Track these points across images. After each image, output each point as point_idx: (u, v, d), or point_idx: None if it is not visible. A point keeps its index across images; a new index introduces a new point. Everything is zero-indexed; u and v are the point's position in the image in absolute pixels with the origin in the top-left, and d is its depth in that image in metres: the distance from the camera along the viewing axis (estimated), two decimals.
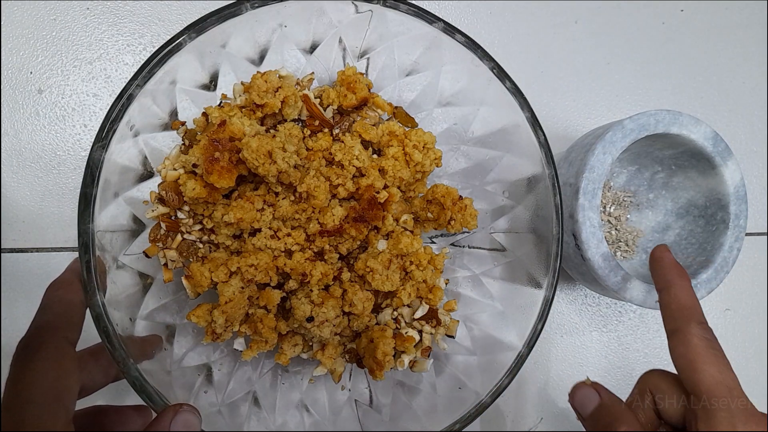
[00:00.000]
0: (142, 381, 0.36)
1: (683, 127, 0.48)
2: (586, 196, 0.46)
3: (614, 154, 0.46)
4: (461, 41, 0.41)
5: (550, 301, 0.41)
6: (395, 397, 0.45)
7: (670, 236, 0.55)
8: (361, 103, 0.44)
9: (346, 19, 0.42)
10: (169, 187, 0.40)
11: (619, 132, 0.47)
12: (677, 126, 0.48)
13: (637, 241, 0.56)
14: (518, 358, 0.41)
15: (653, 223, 0.57)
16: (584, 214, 0.46)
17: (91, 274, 0.34)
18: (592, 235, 0.46)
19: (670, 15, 0.62)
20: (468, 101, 0.45)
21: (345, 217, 0.42)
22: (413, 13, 0.40)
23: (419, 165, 0.44)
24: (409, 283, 0.43)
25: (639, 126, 0.47)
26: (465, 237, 0.49)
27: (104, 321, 0.34)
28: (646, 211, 0.57)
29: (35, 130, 0.49)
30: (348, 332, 0.44)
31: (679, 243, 0.54)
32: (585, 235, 0.46)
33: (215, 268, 0.39)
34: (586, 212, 0.46)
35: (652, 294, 0.47)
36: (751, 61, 0.65)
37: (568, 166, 0.49)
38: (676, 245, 0.54)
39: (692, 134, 0.49)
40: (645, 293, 0.47)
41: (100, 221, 0.36)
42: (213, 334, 0.39)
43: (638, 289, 0.47)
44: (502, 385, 0.40)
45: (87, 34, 0.50)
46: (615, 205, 0.57)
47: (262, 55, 0.44)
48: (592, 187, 0.46)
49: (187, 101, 0.42)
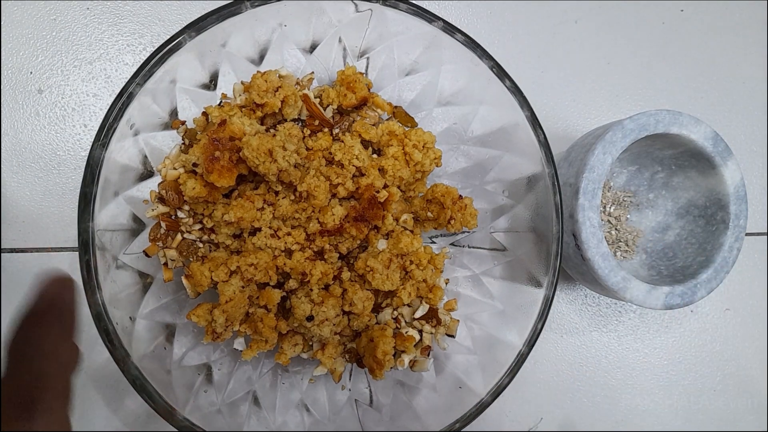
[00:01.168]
0: (142, 380, 0.36)
1: (683, 127, 0.48)
2: (586, 196, 0.46)
3: (614, 154, 0.46)
4: (461, 40, 0.41)
5: (550, 300, 0.41)
6: (395, 397, 0.45)
7: (670, 236, 0.55)
8: (360, 103, 0.44)
9: (345, 19, 0.42)
10: (169, 186, 0.40)
11: (619, 132, 0.47)
12: (677, 126, 0.48)
13: (637, 241, 0.56)
14: (518, 357, 0.41)
15: (653, 223, 0.57)
16: (584, 214, 0.46)
17: (91, 273, 0.34)
18: (592, 235, 0.46)
19: (670, 15, 0.63)
20: (468, 100, 0.45)
21: (345, 216, 0.42)
22: (413, 12, 0.40)
23: (419, 164, 0.44)
24: (409, 282, 0.43)
25: (639, 126, 0.47)
26: (465, 236, 0.49)
27: (104, 320, 0.34)
28: (646, 211, 0.57)
29: (35, 130, 0.49)
30: (348, 332, 0.44)
31: (679, 243, 0.54)
32: (585, 235, 0.46)
33: (215, 268, 0.39)
34: (586, 212, 0.46)
35: (652, 294, 0.47)
36: (751, 61, 0.65)
37: (568, 166, 0.49)
38: (676, 245, 0.54)
39: (692, 134, 0.49)
40: (645, 293, 0.47)
41: (100, 220, 0.36)
42: (213, 333, 0.39)
43: (638, 289, 0.47)
44: (502, 384, 0.40)
45: (87, 34, 0.50)
46: (615, 205, 0.57)
47: (262, 55, 0.44)
48: (592, 187, 0.46)
49: (187, 100, 0.42)
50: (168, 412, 0.37)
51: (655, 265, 0.54)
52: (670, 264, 0.53)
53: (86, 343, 0.48)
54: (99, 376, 0.48)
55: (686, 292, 0.48)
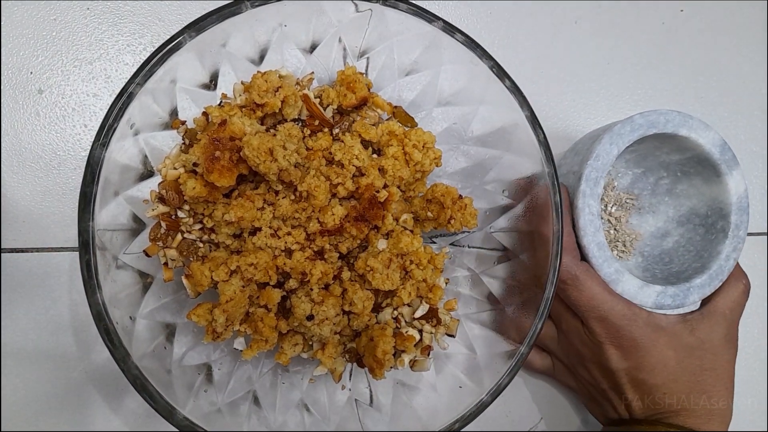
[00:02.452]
0: (142, 380, 0.36)
1: (692, 131, 0.48)
2: (588, 183, 0.46)
3: (620, 146, 0.46)
4: (461, 40, 0.41)
5: (550, 300, 0.41)
6: (395, 397, 0.45)
7: (668, 243, 0.55)
8: (360, 103, 0.44)
9: (345, 19, 0.42)
10: (170, 186, 0.40)
11: (628, 125, 0.47)
12: (686, 128, 0.48)
13: (635, 244, 0.56)
14: (518, 357, 0.41)
15: (653, 228, 0.57)
16: (584, 200, 0.46)
17: (92, 273, 0.34)
18: (590, 222, 0.46)
19: (670, 15, 0.63)
20: (467, 100, 0.45)
21: (345, 216, 0.42)
22: (413, 12, 0.40)
23: (419, 164, 0.44)
24: (409, 282, 0.43)
25: (648, 122, 0.47)
26: (465, 236, 0.49)
27: (104, 319, 0.34)
28: (647, 216, 0.57)
29: (35, 130, 0.49)
30: (348, 331, 0.44)
31: (676, 250, 0.54)
32: (583, 221, 0.46)
33: (215, 267, 0.39)
34: (587, 199, 0.46)
35: (643, 290, 0.47)
36: (751, 61, 0.65)
37: (573, 156, 0.49)
38: (674, 251, 0.54)
39: (701, 139, 0.48)
40: (637, 288, 0.47)
41: (100, 220, 0.36)
42: (213, 333, 0.39)
43: (630, 283, 0.47)
44: (502, 384, 0.40)
45: (87, 34, 0.50)
46: (617, 205, 0.57)
47: (262, 55, 0.44)
48: (596, 175, 0.46)
49: (187, 100, 0.42)
50: (168, 411, 0.37)
51: (650, 268, 0.54)
52: (666, 268, 0.53)
53: (86, 343, 0.48)
54: (99, 376, 0.48)
55: (678, 293, 0.48)
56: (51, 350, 0.47)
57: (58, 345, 0.47)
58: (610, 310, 0.46)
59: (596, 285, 0.46)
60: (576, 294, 0.46)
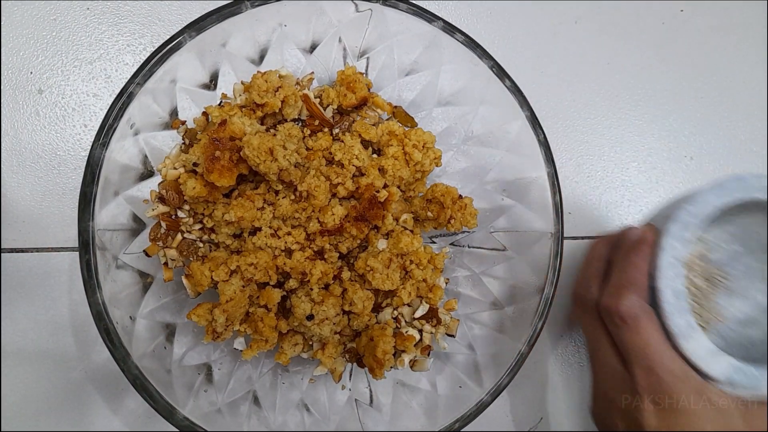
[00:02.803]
0: (142, 380, 0.36)
1: None
2: (677, 224, 0.41)
3: (725, 201, 0.41)
4: (461, 40, 0.41)
5: (550, 300, 0.41)
6: (395, 397, 0.45)
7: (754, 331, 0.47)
8: (360, 103, 0.44)
9: (345, 19, 0.42)
10: (170, 185, 0.40)
11: (735, 183, 0.41)
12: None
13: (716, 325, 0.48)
14: (518, 357, 0.41)
15: (741, 315, 0.48)
16: (668, 241, 0.41)
17: (92, 273, 0.34)
18: (671, 265, 0.40)
19: (670, 15, 0.63)
20: (467, 100, 0.45)
21: (345, 216, 0.42)
22: (413, 12, 0.40)
23: (419, 164, 0.44)
24: (409, 282, 0.43)
25: (762, 187, 0.41)
26: (465, 236, 0.49)
27: (105, 319, 0.34)
28: (735, 300, 0.49)
29: (35, 130, 0.49)
30: (348, 331, 0.44)
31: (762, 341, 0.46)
32: (663, 262, 0.40)
33: (215, 267, 0.39)
34: (672, 240, 0.41)
35: (715, 357, 0.40)
36: (751, 61, 0.65)
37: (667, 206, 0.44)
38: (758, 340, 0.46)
39: None
40: (707, 352, 0.40)
41: (100, 219, 0.36)
42: (213, 333, 0.39)
43: (704, 344, 0.40)
44: (502, 384, 0.40)
45: (87, 34, 0.50)
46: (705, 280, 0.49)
47: (262, 55, 0.44)
48: (688, 220, 0.41)
49: (187, 100, 0.42)
50: (168, 411, 0.37)
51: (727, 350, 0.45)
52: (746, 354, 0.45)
53: (86, 343, 0.48)
54: (99, 376, 0.48)
55: (757, 376, 0.41)
56: (51, 350, 0.47)
57: (57, 345, 0.47)
58: (660, 362, 0.40)
59: (656, 332, 0.41)
60: (630, 336, 0.41)
